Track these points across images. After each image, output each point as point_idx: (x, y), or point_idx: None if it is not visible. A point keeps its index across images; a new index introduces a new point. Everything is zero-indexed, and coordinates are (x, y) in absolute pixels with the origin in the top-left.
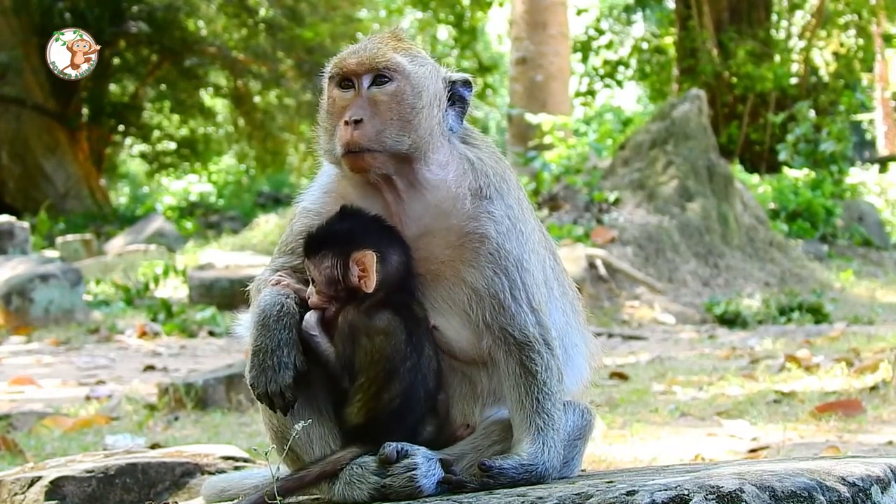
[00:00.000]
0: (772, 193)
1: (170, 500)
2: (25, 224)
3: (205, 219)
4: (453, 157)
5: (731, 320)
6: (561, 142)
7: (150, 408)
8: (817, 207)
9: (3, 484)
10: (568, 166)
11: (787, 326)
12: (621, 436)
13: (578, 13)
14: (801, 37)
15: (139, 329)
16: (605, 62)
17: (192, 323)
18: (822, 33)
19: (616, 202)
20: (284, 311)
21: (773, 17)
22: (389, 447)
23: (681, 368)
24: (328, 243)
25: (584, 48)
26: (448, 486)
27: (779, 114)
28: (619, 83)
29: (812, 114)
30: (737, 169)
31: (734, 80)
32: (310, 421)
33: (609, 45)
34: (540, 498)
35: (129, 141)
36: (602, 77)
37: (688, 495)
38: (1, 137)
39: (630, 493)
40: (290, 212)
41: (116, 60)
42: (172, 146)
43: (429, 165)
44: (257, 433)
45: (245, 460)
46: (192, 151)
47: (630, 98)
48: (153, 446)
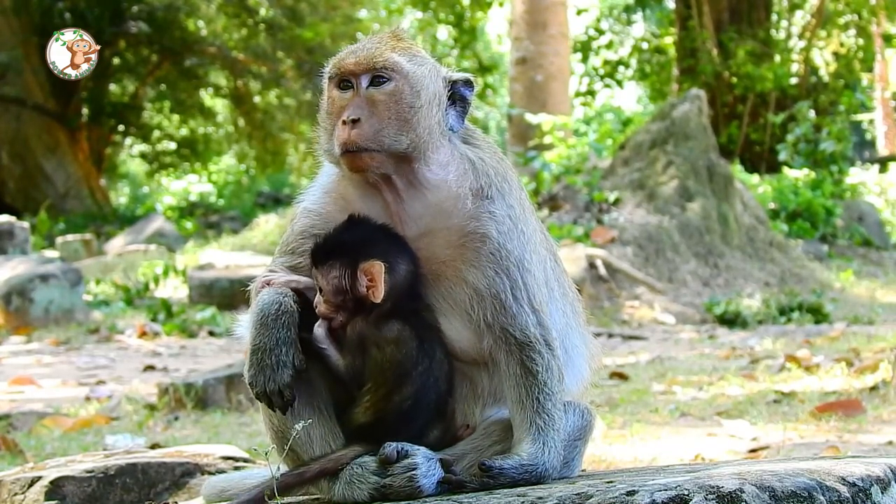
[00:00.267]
0: (772, 193)
1: (170, 500)
2: (25, 224)
3: (205, 219)
4: (454, 157)
5: (731, 320)
6: (561, 142)
7: (150, 408)
8: (817, 207)
9: (3, 484)
10: (568, 166)
11: (787, 326)
12: (621, 436)
13: (578, 13)
14: (801, 37)
15: (139, 329)
16: (605, 62)
17: (192, 323)
18: (822, 33)
19: (616, 202)
20: (283, 310)
21: (773, 17)
22: (389, 447)
23: (681, 368)
24: (336, 253)
25: (584, 48)
26: (448, 486)
27: (779, 114)
28: (619, 83)
29: (812, 114)
30: (737, 169)
31: (734, 80)
32: (310, 421)
33: (609, 45)
34: (540, 498)
35: (129, 141)
36: (602, 77)
37: (688, 495)
38: (1, 137)
39: (630, 493)
40: (291, 212)
41: (116, 60)
42: (172, 146)
43: (429, 165)
44: (257, 433)
45: (245, 460)
46: (192, 151)
47: (630, 98)
48: (153, 446)
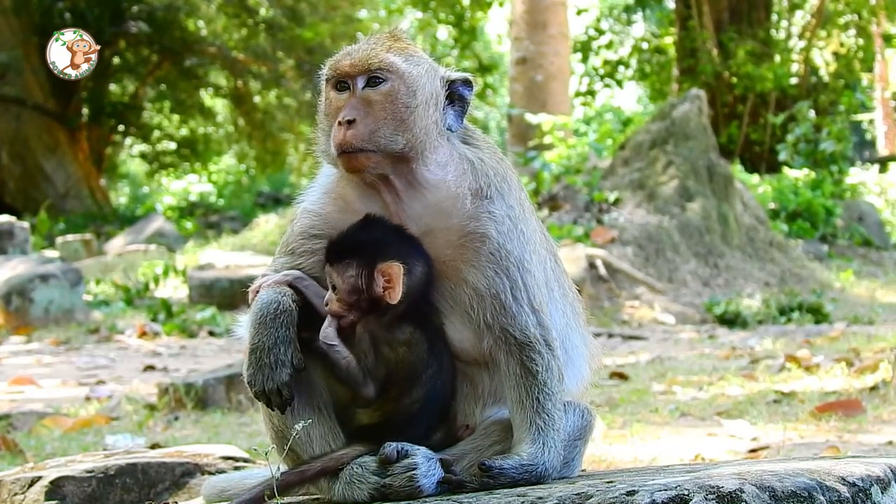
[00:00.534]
0: (772, 193)
1: (170, 500)
2: (25, 224)
3: (205, 219)
4: (453, 157)
5: (731, 320)
6: (561, 142)
7: (150, 408)
8: (817, 207)
9: (3, 484)
10: (568, 166)
11: (787, 326)
12: (621, 436)
13: (578, 13)
14: (801, 37)
15: (139, 329)
16: (605, 62)
17: (192, 323)
18: (822, 33)
19: (616, 202)
20: (281, 308)
21: (773, 17)
22: (389, 447)
23: (681, 368)
24: (354, 252)
25: (584, 48)
26: (448, 486)
27: (779, 114)
28: (619, 83)
29: (812, 114)
30: (737, 169)
31: (734, 80)
32: (310, 421)
33: (609, 45)
34: (540, 498)
35: (129, 141)
36: (602, 77)
37: (688, 495)
38: (1, 137)
39: (630, 493)
40: (291, 212)
41: (116, 60)
42: (172, 146)
43: (427, 165)
44: (257, 433)
45: (245, 460)
46: (192, 151)
47: (630, 98)
48: (153, 446)
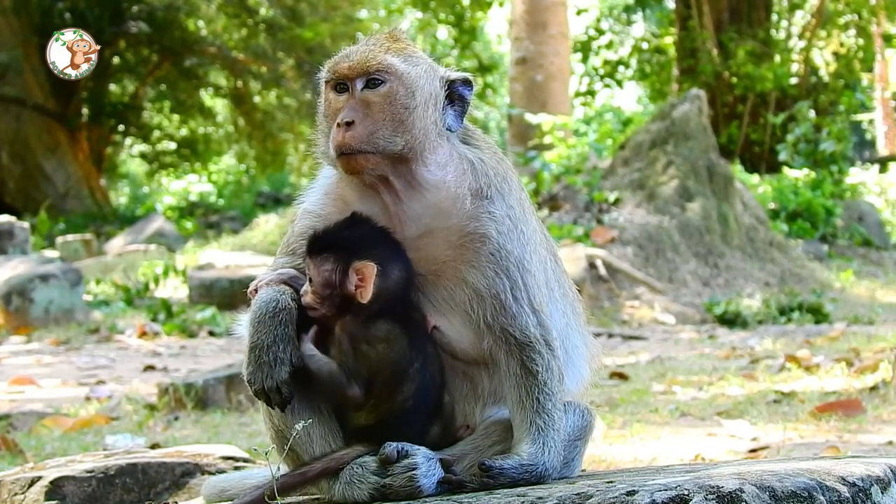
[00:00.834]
0: (772, 193)
1: (170, 500)
2: (25, 224)
3: (205, 219)
4: (453, 157)
5: (731, 320)
6: (561, 142)
7: (150, 408)
8: (817, 207)
9: (3, 484)
10: (568, 166)
11: (787, 326)
12: (621, 436)
13: (578, 13)
14: (801, 37)
15: (139, 329)
16: (605, 62)
17: (192, 323)
18: (822, 33)
19: (616, 202)
20: (280, 307)
21: (773, 17)
22: (389, 447)
23: (681, 368)
24: (332, 247)
25: (584, 48)
26: (448, 486)
27: (779, 114)
28: (619, 83)
29: (812, 114)
30: (737, 169)
31: (734, 80)
32: (310, 421)
33: (609, 45)
34: (540, 498)
35: (129, 141)
36: (602, 77)
37: (688, 495)
38: (1, 137)
39: (630, 493)
40: (291, 212)
41: (116, 60)
42: (172, 146)
43: (427, 165)
44: (257, 433)
45: (245, 460)
46: (192, 151)
47: (630, 98)
48: (153, 446)
